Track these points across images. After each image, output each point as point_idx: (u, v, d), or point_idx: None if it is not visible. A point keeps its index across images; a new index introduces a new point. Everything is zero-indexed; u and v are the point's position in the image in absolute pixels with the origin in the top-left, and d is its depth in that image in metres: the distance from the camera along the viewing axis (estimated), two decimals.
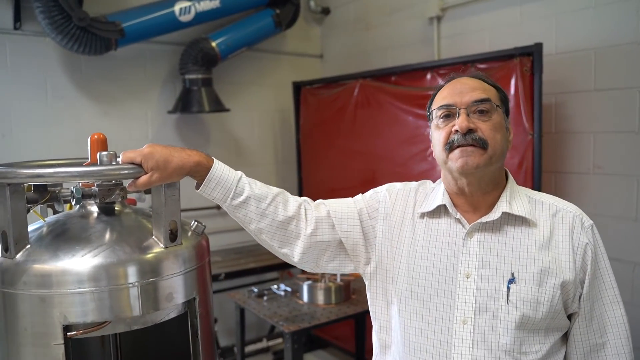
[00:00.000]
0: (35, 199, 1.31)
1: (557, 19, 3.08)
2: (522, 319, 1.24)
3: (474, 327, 1.27)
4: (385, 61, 4.18)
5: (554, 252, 1.28)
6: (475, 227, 1.33)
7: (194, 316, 1.36)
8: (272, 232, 1.41)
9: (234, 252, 4.33)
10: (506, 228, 1.31)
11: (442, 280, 1.32)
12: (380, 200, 1.48)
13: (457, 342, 1.28)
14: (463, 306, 1.28)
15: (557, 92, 3.09)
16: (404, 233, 1.42)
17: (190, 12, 3.73)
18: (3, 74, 3.45)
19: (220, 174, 1.33)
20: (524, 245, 1.29)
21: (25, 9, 3.43)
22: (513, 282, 1.26)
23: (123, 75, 3.91)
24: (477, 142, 1.27)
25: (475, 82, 1.36)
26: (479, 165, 1.27)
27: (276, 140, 4.77)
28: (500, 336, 1.25)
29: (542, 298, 1.25)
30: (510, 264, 1.28)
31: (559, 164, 3.12)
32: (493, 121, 1.29)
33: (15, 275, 1.18)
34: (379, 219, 1.46)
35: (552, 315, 1.26)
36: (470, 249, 1.32)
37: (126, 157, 1.23)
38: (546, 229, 1.30)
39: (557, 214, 1.32)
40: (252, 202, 1.36)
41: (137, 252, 1.24)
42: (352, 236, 1.45)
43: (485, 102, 1.30)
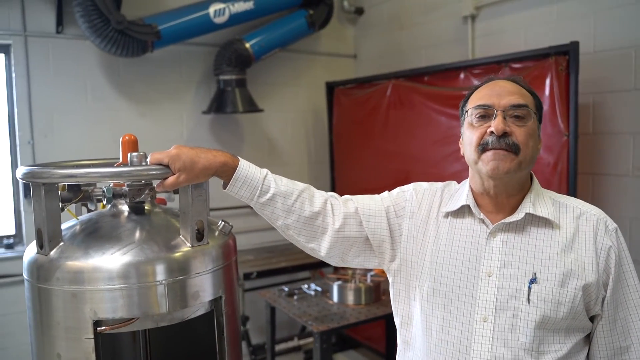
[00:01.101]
0: (69, 198, 1.35)
1: (595, 16, 3.00)
2: (542, 318, 1.25)
3: (494, 325, 1.28)
4: (419, 61, 4.15)
5: (577, 254, 1.29)
6: (499, 227, 1.34)
7: (220, 314, 1.39)
8: (299, 228, 1.43)
9: (266, 251, 4.37)
10: (529, 229, 1.33)
11: (464, 278, 1.34)
12: (407, 199, 1.50)
13: (477, 339, 1.30)
14: (484, 304, 1.30)
15: (595, 92, 3.01)
16: (428, 232, 1.44)
17: (224, 14, 3.79)
18: (46, 76, 3.58)
19: (246, 174, 1.35)
20: (547, 247, 1.30)
21: (67, 14, 3.55)
22: (534, 282, 1.27)
23: (159, 76, 4.00)
24: (510, 147, 1.28)
25: (513, 86, 1.36)
26: (509, 171, 1.28)
27: (309, 141, 4.79)
28: (519, 335, 1.26)
29: (564, 299, 1.26)
30: (533, 264, 1.29)
31: (597, 166, 3.04)
32: (528, 127, 1.30)
33: (49, 271, 1.23)
34: (405, 217, 1.48)
35: (573, 316, 1.27)
36: (492, 249, 1.33)
37: (154, 158, 1.27)
38: (569, 231, 1.31)
39: (581, 217, 1.33)
40: (278, 199, 1.38)
41: (165, 250, 1.27)
42: (378, 233, 1.47)
43: (522, 108, 1.31)
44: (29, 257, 1.30)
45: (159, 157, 1.26)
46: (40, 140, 3.57)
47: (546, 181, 2.85)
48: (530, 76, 2.92)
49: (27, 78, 3.53)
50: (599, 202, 3.03)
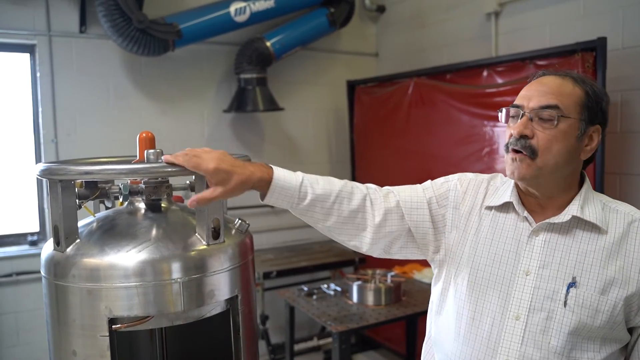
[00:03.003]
0: (86, 195, 1.36)
1: (624, 11, 2.92)
2: (578, 324, 1.22)
3: (526, 324, 1.26)
4: (441, 59, 4.09)
5: (623, 262, 1.24)
6: (542, 227, 1.31)
7: (237, 313, 1.38)
8: (340, 228, 1.40)
9: (287, 250, 4.36)
10: (574, 232, 1.28)
11: (502, 274, 1.32)
12: (451, 189, 1.47)
13: (506, 336, 1.28)
14: (518, 302, 1.28)
15: (623, 90, 2.93)
16: (470, 223, 1.42)
17: (245, 13, 3.78)
18: (69, 75, 3.62)
19: (282, 184, 1.31)
20: (591, 252, 1.25)
21: (90, 13, 3.59)
22: (573, 286, 1.24)
23: (180, 75, 4.02)
24: (526, 150, 1.25)
25: (558, 84, 1.29)
26: (524, 177, 1.26)
27: (330, 139, 4.77)
28: (551, 337, 1.23)
29: (603, 307, 1.21)
30: (574, 268, 1.25)
31: (625, 166, 2.96)
32: (555, 130, 1.24)
33: (65, 268, 1.23)
34: (449, 207, 1.45)
35: (611, 325, 1.22)
36: (533, 248, 1.30)
37: (193, 163, 1.21)
38: (617, 238, 1.26)
39: (632, 224, 1.27)
40: (317, 204, 1.35)
41: (180, 249, 1.26)
42: (421, 225, 1.44)
43: (548, 110, 1.25)
44: (46, 254, 1.31)
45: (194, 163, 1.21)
46: (64, 138, 3.62)
47: None
48: None
49: (51, 77, 3.57)
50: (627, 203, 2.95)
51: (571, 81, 1.29)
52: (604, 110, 1.30)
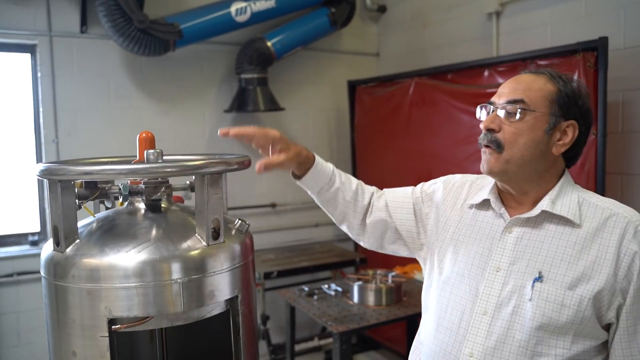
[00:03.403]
0: (86, 195, 1.35)
1: (626, 11, 2.91)
2: (542, 318, 1.22)
3: (493, 319, 1.28)
4: (443, 59, 4.09)
5: (595, 257, 1.23)
6: (514, 222, 1.33)
7: (237, 314, 1.37)
8: (352, 220, 1.57)
9: (288, 250, 4.36)
10: (546, 226, 1.29)
11: (474, 270, 1.35)
12: (436, 190, 1.55)
13: (473, 330, 1.30)
14: (487, 297, 1.30)
15: (625, 89, 2.92)
16: (451, 222, 1.47)
17: (246, 13, 3.78)
18: (70, 75, 3.63)
19: (320, 168, 1.47)
20: (561, 246, 1.26)
21: (90, 14, 3.59)
22: (539, 281, 1.24)
23: (181, 75, 4.02)
24: (492, 143, 1.29)
25: (528, 80, 1.32)
26: (492, 170, 1.30)
27: (331, 139, 4.76)
28: (516, 332, 1.24)
29: (569, 302, 1.21)
30: (543, 263, 1.26)
31: (626, 166, 2.95)
32: (521, 124, 1.27)
33: (65, 269, 1.23)
34: (433, 207, 1.53)
35: (580, 320, 1.21)
36: (506, 244, 1.32)
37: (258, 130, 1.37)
38: (591, 232, 1.25)
39: (610, 218, 1.26)
40: (340, 193, 1.51)
41: (180, 249, 1.25)
42: (405, 224, 1.55)
43: (512, 104, 1.28)
44: (45, 254, 1.30)
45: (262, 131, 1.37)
46: (65, 138, 3.62)
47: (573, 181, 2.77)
48: None
49: (52, 77, 3.57)
50: (628, 203, 2.93)
51: (545, 77, 1.31)
52: (581, 106, 1.31)
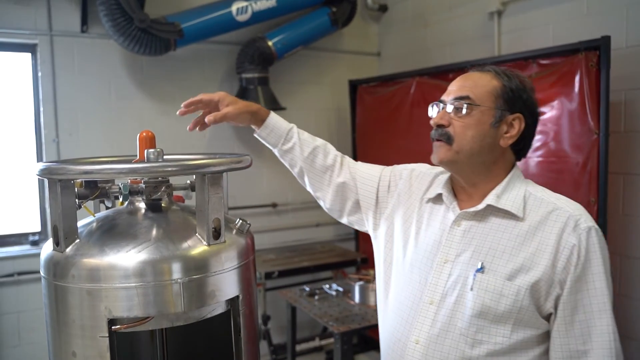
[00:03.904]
0: (86, 194, 1.34)
1: (628, 10, 2.90)
2: (481, 307, 1.28)
3: (438, 308, 1.34)
4: (444, 58, 4.08)
5: (535, 249, 1.28)
6: (462, 216, 1.39)
7: (237, 314, 1.36)
8: (311, 177, 1.62)
9: (289, 250, 4.35)
10: (491, 219, 1.35)
11: (424, 261, 1.41)
12: (403, 178, 1.60)
13: (420, 319, 1.37)
14: (433, 288, 1.37)
15: (628, 89, 2.91)
16: (409, 210, 1.53)
17: (247, 12, 3.77)
18: (71, 75, 3.62)
19: (275, 123, 1.57)
20: (504, 239, 1.32)
21: (91, 13, 3.59)
22: (480, 272, 1.30)
23: (182, 75, 4.01)
24: (442, 137, 1.36)
25: (473, 78, 1.40)
26: (442, 160, 1.37)
27: (332, 139, 4.70)
28: (458, 320, 1.31)
29: (507, 291, 1.27)
30: (485, 255, 1.32)
31: (628, 165, 2.94)
32: (468, 118, 1.34)
33: (65, 269, 1.22)
34: (394, 193, 1.58)
35: (518, 310, 1.26)
36: (454, 237, 1.38)
37: (206, 95, 1.51)
38: (533, 225, 1.31)
39: (553, 212, 1.31)
40: (297, 148, 1.58)
41: (181, 249, 1.24)
42: (365, 200, 1.61)
43: (459, 100, 1.36)
44: (45, 254, 1.30)
45: (208, 96, 1.50)
46: (65, 138, 3.61)
47: (575, 181, 2.77)
48: (559, 72, 2.84)
49: (53, 77, 3.57)
50: (630, 203, 2.93)
51: (491, 74, 1.39)
52: (526, 100, 1.37)
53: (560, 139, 2.85)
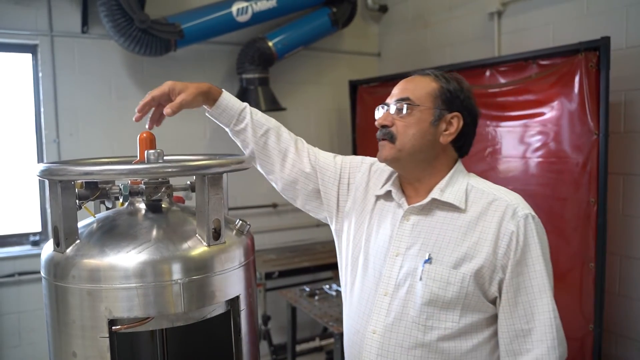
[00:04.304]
0: (87, 195, 1.35)
1: (628, 10, 2.90)
2: (430, 295, 1.36)
3: (392, 299, 1.42)
4: (444, 59, 4.08)
5: (477, 238, 1.36)
6: (410, 211, 1.46)
7: (237, 314, 1.37)
8: (262, 159, 1.63)
9: (289, 251, 4.35)
10: (436, 213, 1.43)
11: (379, 256, 1.48)
12: (362, 171, 1.64)
13: (376, 309, 1.44)
14: (387, 280, 1.44)
15: (627, 89, 2.92)
16: (366, 208, 1.58)
17: (247, 13, 3.78)
18: (71, 75, 3.63)
19: (227, 103, 1.55)
20: (449, 230, 1.39)
21: (92, 14, 3.59)
22: (428, 262, 1.38)
23: (182, 75, 4.01)
24: (386, 136, 1.44)
25: (414, 81, 1.48)
26: (386, 158, 1.44)
27: (332, 139, 4.76)
28: (410, 309, 1.38)
29: (453, 279, 1.35)
30: (432, 246, 1.39)
31: (628, 166, 2.94)
32: (409, 118, 1.42)
33: (65, 269, 1.22)
34: (352, 186, 1.63)
35: (464, 296, 1.35)
36: (404, 231, 1.45)
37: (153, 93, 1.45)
38: (474, 216, 1.39)
39: (493, 203, 1.39)
40: (249, 129, 1.58)
41: (181, 249, 1.25)
42: (327, 193, 1.64)
43: (400, 102, 1.44)
44: (46, 254, 1.30)
45: (157, 91, 1.45)
46: (66, 138, 3.62)
47: (575, 181, 2.77)
48: (558, 73, 2.84)
49: (53, 77, 3.57)
50: (630, 203, 2.93)
51: (430, 77, 1.48)
52: (463, 100, 1.46)
53: (560, 139, 2.85)
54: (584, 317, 2.73)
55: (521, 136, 3.05)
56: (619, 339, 3.04)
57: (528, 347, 1.34)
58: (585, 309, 2.73)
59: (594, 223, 2.69)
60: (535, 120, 2.97)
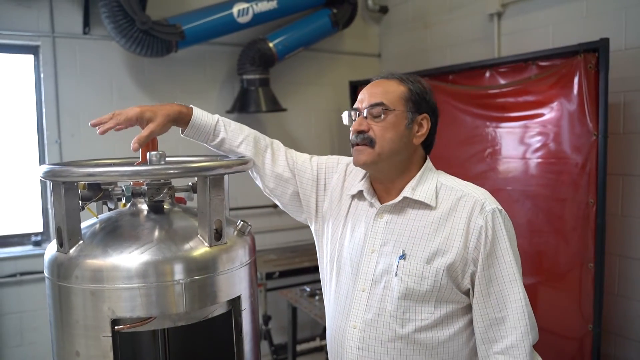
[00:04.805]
0: (89, 196, 1.36)
1: (627, 12, 2.91)
2: (406, 290, 1.41)
3: (370, 295, 1.46)
4: (444, 59, 4.10)
5: (448, 233, 1.41)
6: (383, 209, 1.50)
7: (239, 314, 1.38)
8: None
9: (290, 251, 4.36)
10: (408, 211, 1.48)
11: (355, 254, 1.52)
12: (338, 171, 1.68)
13: (355, 305, 1.49)
14: (364, 277, 1.49)
15: (626, 90, 2.93)
16: (342, 207, 1.62)
17: (248, 14, 3.79)
18: (73, 76, 3.64)
19: (200, 121, 1.55)
20: (421, 227, 1.44)
21: (93, 15, 3.60)
22: (402, 258, 1.43)
23: (183, 76, 4.03)
24: (365, 141, 1.46)
25: (383, 85, 1.51)
26: (365, 162, 1.47)
27: (333, 140, 4.77)
28: (387, 303, 1.43)
29: (427, 274, 1.40)
30: (406, 243, 1.44)
31: (627, 167, 2.96)
32: (385, 122, 1.45)
33: (68, 270, 1.24)
34: (329, 187, 1.68)
35: (438, 289, 1.40)
36: (378, 228, 1.50)
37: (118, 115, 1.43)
38: (444, 212, 1.44)
39: (462, 199, 1.44)
40: (226, 143, 1.59)
41: (183, 250, 1.26)
42: (305, 195, 1.67)
43: (376, 107, 1.46)
44: (49, 255, 1.31)
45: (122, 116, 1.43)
46: (67, 139, 3.63)
47: (574, 182, 2.78)
48: (558, 74, 2.85)
49: (55, 78, 3.58)
50: (629, 204, 2.95)
51: (396, 81, 1.51)
52: (429, 101, 1.52)
53: (559, 140, 2.86)
54: (583, 317, 2.74)
55: (521, 137, 3.06)
56: (618, 339, 3.05)
57: (502, 334, 1.39)
58: (584, 309, 2.74)
59: (593, 223, 2.71)
60: (534, 121, 2.98)
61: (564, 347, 2.89)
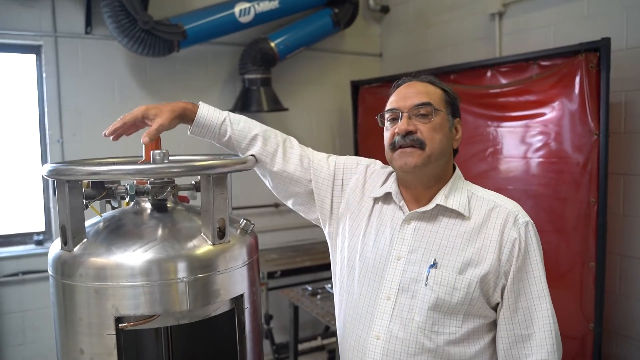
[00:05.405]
0: (93, 195, 1.37)
1: (628, 11, 2.92)
2: (436, 301, 1.35)
3: (395, 303, 1.39)
4: (445, 59, 4.10)
5: (482, 244, 1.37)
6: (413, 216, 1.44)
7: (242, 313, 1.39)
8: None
9: (291, 250, 4.37)
10: (440, 219, 1.42)
11: (379, 259, 1.45)
12: (358, 173, 1.62)
13: (378, 314, 1.41)
14: (389, 284, 1.41)
15: (628, 90, 2.93)
16: (363, 210, 1.55)
17: (249, 13, 3.80)
18: (75, 76, 3.65)
19: (205, 119, 1.49)
20: (453, 236, 1.39)
21: (95, 14, 3.61)
22: (433, 267, 1.37)
23: (185, 75, 4.03)
24: (415, 143, 1.38)
25: (422, 86, 1.46)
26: (416, 165, 1.39)
27: (334, 140, 4.78)
28: (415, 314, 1.36)
29: (459, 285, 1.34)
30: (437, 251, 1.38)
31: (629, 166, 2.96)
32: (433, 123, 1.40)
33: (72, 268, 1.25)
34: (347, 188, 1.61)
35: (469, 301, 1.34)
36: (405, 235, 1.43)
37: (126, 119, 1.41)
38: (478, 223, 1.39)
39: (494, 210, 1.40)
40: (234, 140, 1.53)
41: (186, 248, 1.27)
42: (320, 195, 1.61)
43: (425, 106, 1.40)
44: (53, 253, 1.32)
45: (129, 116, 1.41)
46: (70, 138, 3.64)
47: (575, 181, 2.78)
48: (559, 74, 2.85)
49: (57, 78, 3.59)
50: (630, 203, 2.95)
51: (432, 84, 1.47)
52: (458, 106, 1.50)
53: (560, 139, 2.87)
54: (584, 317, 2.74)
55: (522, 136, 3.06)
56: (619, 338, 3.06)
57: (527, 352, 1.35)
58: (585, 308, 2.75)
59: (594, 223, 2.71)
60: (536, 121, 2.99)
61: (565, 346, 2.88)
